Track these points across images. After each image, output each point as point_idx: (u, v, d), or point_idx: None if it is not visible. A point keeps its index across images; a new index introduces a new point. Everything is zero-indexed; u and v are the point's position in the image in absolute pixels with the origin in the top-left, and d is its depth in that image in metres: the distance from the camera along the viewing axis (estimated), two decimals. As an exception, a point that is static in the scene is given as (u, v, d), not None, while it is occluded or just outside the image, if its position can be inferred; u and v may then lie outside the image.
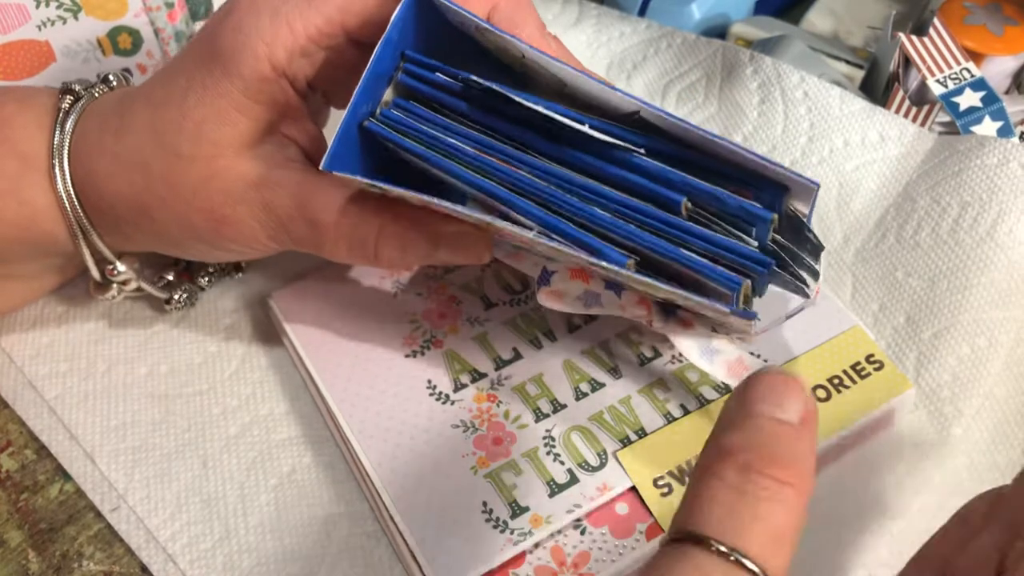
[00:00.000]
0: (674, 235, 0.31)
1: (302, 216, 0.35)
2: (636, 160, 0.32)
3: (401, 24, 0.33)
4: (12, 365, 0.42)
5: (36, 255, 0.39)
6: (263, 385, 0.42)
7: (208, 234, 0.36)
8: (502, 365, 0.40)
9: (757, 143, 0.48)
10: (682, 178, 0.31)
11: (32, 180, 0.36)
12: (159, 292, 0.42)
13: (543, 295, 0.36)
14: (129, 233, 0.37)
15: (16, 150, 0.36)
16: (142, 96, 0.36)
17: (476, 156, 0.33)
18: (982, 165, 0.43)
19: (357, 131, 0.34)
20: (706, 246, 0.31)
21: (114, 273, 0.39)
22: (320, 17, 0.34)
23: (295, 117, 0.36)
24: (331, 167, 0.32)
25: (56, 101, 0.37)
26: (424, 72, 0.34)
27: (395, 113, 0.34)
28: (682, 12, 0.53)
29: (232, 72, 0.34)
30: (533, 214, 0.32)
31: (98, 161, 0.36)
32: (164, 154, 0.35)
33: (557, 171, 0.32)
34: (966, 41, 0.49)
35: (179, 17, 0.46)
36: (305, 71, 0.35)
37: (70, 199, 0.36)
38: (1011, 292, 0.41)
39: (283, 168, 0.35)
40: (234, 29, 0.34)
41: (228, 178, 0.35)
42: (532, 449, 0.38)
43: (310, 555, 0.37)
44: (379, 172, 0.34)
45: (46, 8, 0.43)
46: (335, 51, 0.35)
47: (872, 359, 0.39)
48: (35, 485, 0.39)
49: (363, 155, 0.34)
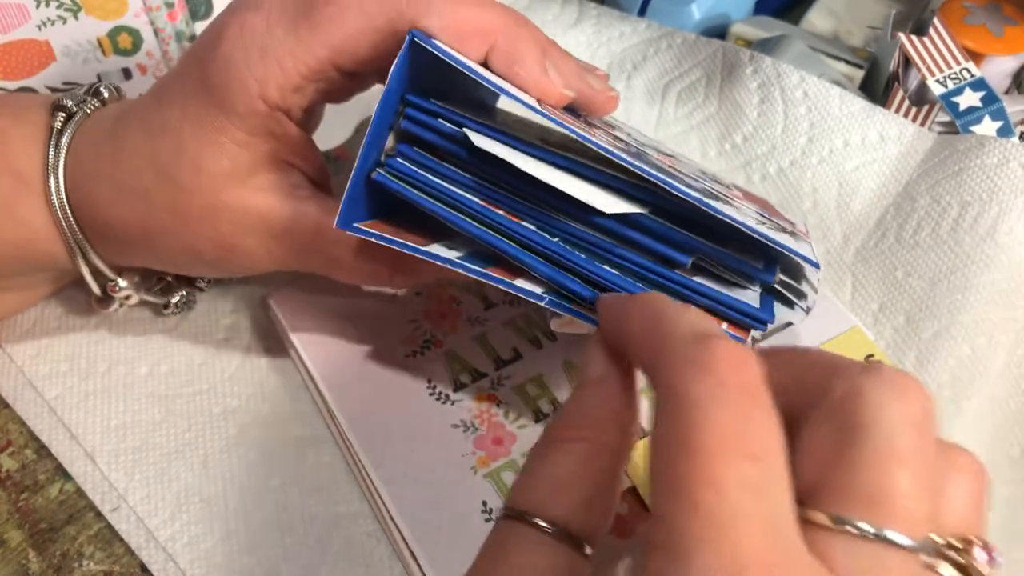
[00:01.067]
0: (679, 292, 0.32)
1: (315, 250, 0.35)
2: (643, 220, 0.32)
3: (399, 73, 0.32)
4: (12, 365, 0.42)
5: (33, 271, 0.39)
6: (263, 385, 0.42)
7: (215, 260, 0.36)
8: (502, 365, 0.40)
9: (757, 143, 0.48)
10: (687, 239, 0.32)
11: (27, 200, 0.35)
12: (158, 299, 0.42)
13: (556, 324, 0.36)
14: (129, 253, 0.37)
15: (11, 168, 0.35)
16: (137, 120, 0.35)
17: (482, 209, 0.32)
18: (982, 165, 0.43)
19: (364, 181, 0.33)
20: (709, 303, 0.31)
21: (116, 290, 0.39)
22: (311, 57, 0.33)
23: (294, 145, 0.35)
24: (344, 225, 0.32)
25: (49, 117, 0.36)
26: (426, 119, 0.33)
27: (400, 163, 0.33)
28: (682, 12, 0.53)
29: (227, 108, 0.33)
30: (542, 271, 0.32)
31: (97, 187, 0.35)
32: (164, 184, 0.34)
33: (563, 225, 0.32)
34: (966, 41, 0.49)
35: (179, 17, 0.46)
36: (299, 103, 0.34)
37: (67, 220, 0.36)
38: (1011, 292, 0.41)
39: (291, 200, 0.35)
40: (225, 62, 0.33)
41: (235, 211, 0.34)
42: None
43: (310, 555, 0.37)
44: (392, 206, 0.34)
45: (46, 8, 0.43)
46: (328, 82, 0.34)
47: (872, 359, 0.39)
48: (35, 485, 0.39)
49: (374, 195, 0.34)
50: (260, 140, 0.34)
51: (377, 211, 0.34)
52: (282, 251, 0.35)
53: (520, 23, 0.34)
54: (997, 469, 0.39)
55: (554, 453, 0.24)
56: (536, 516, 0.23)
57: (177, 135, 0.34)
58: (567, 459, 0.24)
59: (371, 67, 0.33)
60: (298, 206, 0.35)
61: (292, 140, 0.35)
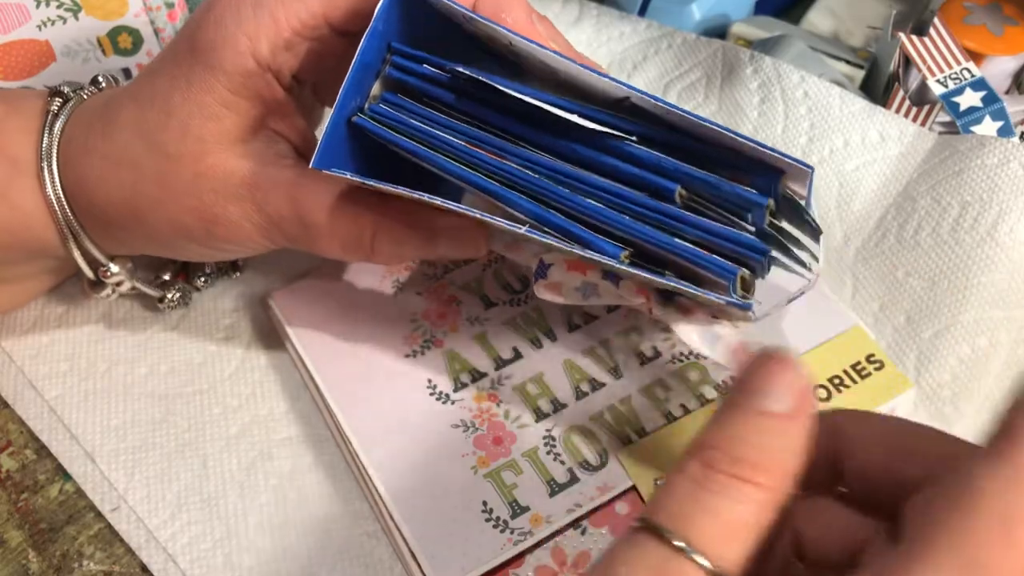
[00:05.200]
0: (668, 224, 0.31)
1: (295, 215, 0.35)
2: (628, 148, 0.31)
3: (387, 14, 0.32)
4: (12, 365, 0.42)
5: (28, 259, 0.39)
6: (263, 385, 0.42)
7: (200, 234, 0.36)
8: (502, 365, 0.40)
9: (757, 143, 0.48)
10: (675, 165, 0.31)
11: (21, 184, 0.36)
12: (153, 291, 0.42)
13: (540, 288, 0.36)
14: (121, 236, 0.37)
15: (5, 154, 0.36)
16: (127, 95, 0.36)
17: (466, 150, 0.32)
18: (982, 165, 0.43)
19: (346, 126, 0.33)
20: (701, 234, 0.31)
21: (107, 275, 0.39)
22: (303, 9, 0.33)
23: (282, 112, 0.35)
24: (321, 165, 0.32)
25: (45, 104, 0.36)
26: (412, 64, 0.33)
27: (383, 108, 0.33)
28: (682, 12, 0.53)
29: (215, 67, 0.33)
30: (524, 207, 0.31)
31: (87, 164, 0.35)
32: (152, 153, 0.35)
33: (548, 162, 0.32)
34: (966, 41, 0.49)
35: (179, 17, 0.46)
36: (290, 64, 0.34)
37: (60, 203, 0.36)
38: (1011, 292, 0.41)
39: (274, 166, 0.35)
40: (215, 23, 0.33)
41: (217, 176, 0.34)
42: (532, 449, 0.38)
43: (310, 555, 0.37)
44: (371, 164, 0.34)
45: (46, 8, 0.43)
46: (320, 43, 0.34)
47: (872, 359, 0.39)
48: (35, 485, 0.39)
49: (353, 149, 0.34)
50: (248, 103, 0.34)
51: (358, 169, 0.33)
52: (263, 219, 0.35)
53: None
54: (997, 469, 0.39)
55: (731, 492, 0.22)
56: (703, 555, 0.22)
57: (166, 103, 0.34)
58: (744, 507, 0.22)
59: (363, 23, 0.33)
60: (281, 172, 0.35)
61: (280, 105, 0.35)
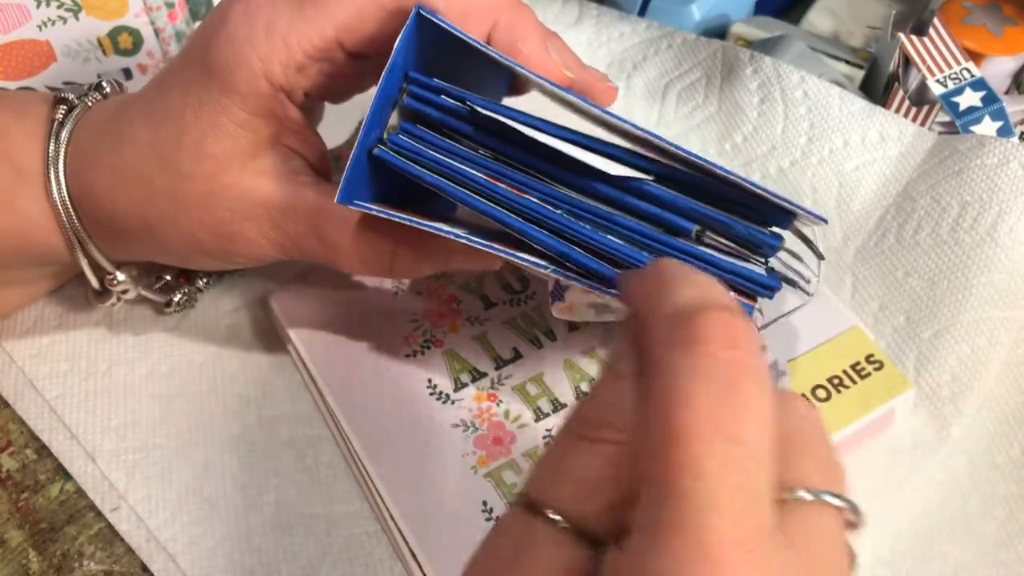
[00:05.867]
0: (683, 260, 0.32)
1: (314, 236, 0.35)
2: (646, 187, 0.32)
3: (405, 47, 0.32)
4: (13, 365, 0.42)
5: (32, 264, 0.39)
6: (263, 385, 0.42)
7: (214, 249, 0.36)
8: (502, 365, 0.40)
9: (757, 143, 0.48)
10: (691, 205, 0.32)
11: (27, 192, 0.35)
12: (158, 296, 0.42)
13: (556, 309, 0.36)
14: (130, 246, 0.37)
15: (12, 161, 0.35)
16: (138, 108, 0.35)
17: (486, 183, 0.32)
18: (982, 165, 0.43)
19: (367, 158, 0.33)
20: (715, 272, 0.31)
21: (114, 283, 0.39)
22: (316, 34, 0.33)
23: (296, 129, 0.35)
24: (346, 199, 0.32)
25: (50, 111, 0.36)
26: (429, 95, 0.33)
27: (403, 139, 0.33)
28: (682, 12, 0.53)
29: (229, 88, 0.33)
30: (545, 243, 0.32)
31: (97, 175, 0.35)
32: (166, 171, 0.34)
33: (567, 197, 0.32)
34: (966, 41, 0.49)
35: (179, 17, 0.46)
36: (303, 84, 0.34)
37: (66, 211, 0.36)
38: (1011, 292, 0.41)
39: (290, 184, 0.35)
40: (228, 42, 0.33)
41: (233, 195, 0.34)
42: (532, 449, 0.38)
43: (310, 555, 0.37)
44: (392, 188, 0.34)
45: (46, 8, 0.43)
46: (332, 64, 0.34)
47: (872, 359, 0.39)
48: (36, 485, 0.39)
49: (375, 178, 0.34)
50: (262, 122, 0.34)
51: (377, 198, 0.34)
52: (281, 237, 0.35)
53: (522, 5, 0.34)
54: (997, 469, 0.39)
55: (584, 452, 0.23)
56: (561, 514, 0.22)
57: (179, 120, 0.34)
58: (597, 461, 0.23)
59: (376, 48, 0.33)
60: (298, 190, 0.35)
61: (294, 123, 0.35)
